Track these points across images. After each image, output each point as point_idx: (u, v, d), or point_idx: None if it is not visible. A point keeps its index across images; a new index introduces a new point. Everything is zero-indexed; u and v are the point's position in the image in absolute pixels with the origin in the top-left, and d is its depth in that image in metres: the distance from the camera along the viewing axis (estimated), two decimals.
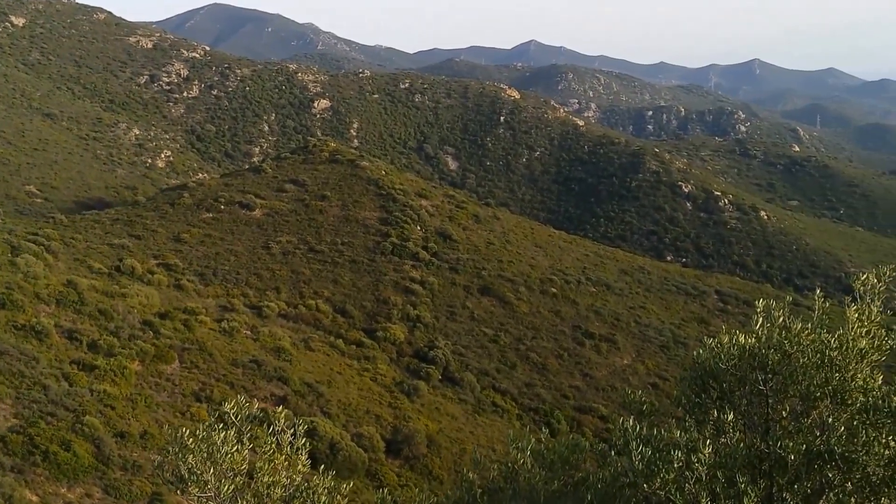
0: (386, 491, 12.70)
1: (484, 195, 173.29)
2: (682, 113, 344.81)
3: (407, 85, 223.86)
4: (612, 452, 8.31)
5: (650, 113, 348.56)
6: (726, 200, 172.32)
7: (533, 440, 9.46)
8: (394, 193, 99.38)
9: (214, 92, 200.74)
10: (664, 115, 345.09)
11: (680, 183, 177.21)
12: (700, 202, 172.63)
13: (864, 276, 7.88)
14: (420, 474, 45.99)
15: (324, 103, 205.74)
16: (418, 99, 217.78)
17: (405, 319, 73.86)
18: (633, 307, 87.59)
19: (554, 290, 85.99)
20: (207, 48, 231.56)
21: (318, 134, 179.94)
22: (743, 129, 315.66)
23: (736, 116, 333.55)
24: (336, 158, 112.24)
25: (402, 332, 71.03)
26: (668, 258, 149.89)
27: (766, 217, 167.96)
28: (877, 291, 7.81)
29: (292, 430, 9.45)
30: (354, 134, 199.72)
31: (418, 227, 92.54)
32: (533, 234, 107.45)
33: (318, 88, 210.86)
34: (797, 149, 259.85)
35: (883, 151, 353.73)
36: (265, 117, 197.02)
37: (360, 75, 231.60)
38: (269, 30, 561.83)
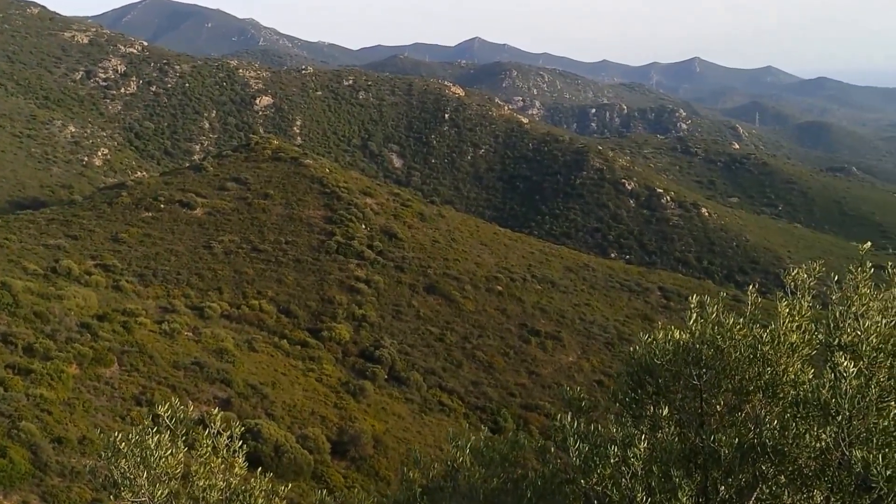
0: (325, 492, 12.51)
1: (429, 193, 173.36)
2: (625, 111, 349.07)
3: (351, 82, 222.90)
4: (552, 449, 8.31)
5: (593, 111, 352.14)
6: (669, 198, 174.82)
7: (473, 438, 9.47)
8: (338, 192, 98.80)
9: (153, 88, 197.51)
10: (607, 113, 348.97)
11: (623, 180, 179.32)
12: (643, 199, 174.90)
13: (795, 271, 8.05)
14: (367, 475, 45.73)
15: (266, 100, 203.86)
16: (362, 96, 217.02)
17: (351, 319, 73.43)
18: (578, 304, 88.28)
19: (500, 287, 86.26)
20: (145, 43, 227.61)
21: (261, 131, 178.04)
22: (684, 126, 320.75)
23: (677, 114, 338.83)
24: (279, 156, 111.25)
25: (347, 331, 70.59)
26: (613, 255, 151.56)
27: (707, 214, 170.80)
28: (807, 286, 7.98)
29: (228, 433, 9.28)
30: (298, 131, 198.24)
31: (363, 226, 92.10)
32: (478, 232, 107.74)
33: (261, 85, 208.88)
34: (737, 146, 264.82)
35: (820, 149, 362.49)
36: (206, 114, 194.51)
37: (303, 72, 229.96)
38: (210, 25, 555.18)
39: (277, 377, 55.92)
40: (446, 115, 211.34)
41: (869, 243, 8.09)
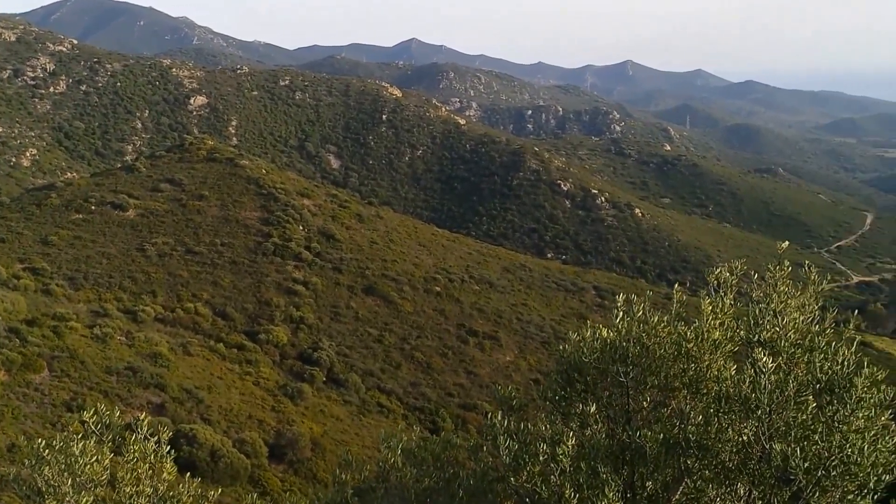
0: (255, 496, 12.53)
1: (367, 194, 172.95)
2: (561, 112, 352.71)
3: (287, 82, 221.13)
4: (484, 448, 8.37)
5: (529, 112, 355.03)
6: (603, 198, 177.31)
7: (405, 438, 9.53)
8: (275, 193, 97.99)
9: (83, 87, 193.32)
10: (543, 115, 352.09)
11: (559, 181, 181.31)
12: (579, 200, 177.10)
13: (718, 270, 8.21)
14: (305, 478, 45.48)
15: (200, 100, 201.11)
16: (299, 96, 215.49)
17: (288, 321, 72.89)
18: (515, 304, 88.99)
19: (438, 288, 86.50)
20: (75, 42, 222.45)
21: (195, 132, 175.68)
22: (618, 128, 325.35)
23: (611, 116, 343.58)
24: (214, 157, 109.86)
25: (285, 334, 70.05)
26: (549, 255, 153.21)
27: (640, 214, 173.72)
28: (729, 284, 8.15)
29: (156, 438, 9.22)
30: (233, 132, 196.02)
31: (301, 227, 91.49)
32: (416, 233, 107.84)
33: (195, 85, 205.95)
34: (668, 148, 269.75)
35: (748, 150, 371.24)
36: (138, 114, 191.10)
37: (239, 71, 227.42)
38: (142, 23, 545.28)
39: (213, 381, 55.24)
40: (384, 116, 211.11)
41: (787, 242, 8.38)
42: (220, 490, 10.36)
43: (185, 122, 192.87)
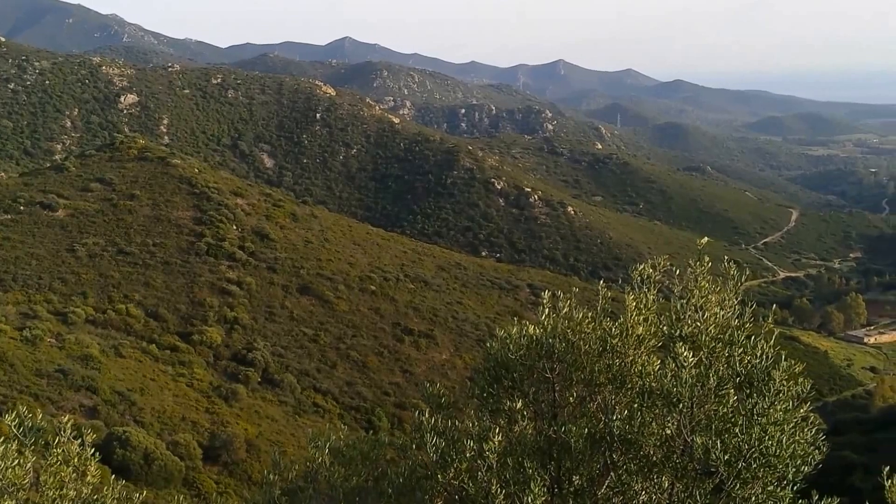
0: (181, 497, 12.50)
1: (301, 193, 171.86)
2: (494, 111, 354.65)
3: (219, 80, 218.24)
4: (413, 446, 8.38)
5: (463, 111, 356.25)
6: (536, 196, 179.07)
7: (333, 438, 9.49)
8: (208, 192, 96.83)
9: (11, 86, 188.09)
10: (476, 114, 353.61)
11: (493, 180, 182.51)
12: (512, 198, 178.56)
13: (641, 266, 8.28)
14: (239, 480, 45.27)
15: (131, 98, 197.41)
16: (231, 95, 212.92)
17: (222, 321, 72.19)
18: (450, 302, 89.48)
19: (373, 287, 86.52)
20: (2, 39, 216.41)
21: (126, 130, 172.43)
22: (550, 127, 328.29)
23: (543, 115, 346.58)
24: (145, 156, 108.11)
25: (218, 334, 69.37)
26: (483, 253, 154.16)
27: (573, 212, 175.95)
28: (652, 280, 8.24)
29: (80, 440, 9.15)
30: (165, 130, 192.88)
31: (234, 227, 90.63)
32: (351, 232, 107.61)
33: (125, 83, 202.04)
34: (600, 146, 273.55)
35: (677, 149, 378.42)
36: (67, 112, 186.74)
37: (170, 69, 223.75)
38: (71, 21, 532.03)
39: (146, 383, 54.55)
40: (318, 115, 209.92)
41: (706, 239, 8.54)
42: (150, 493, 10.36)
43: (116, 121, 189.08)
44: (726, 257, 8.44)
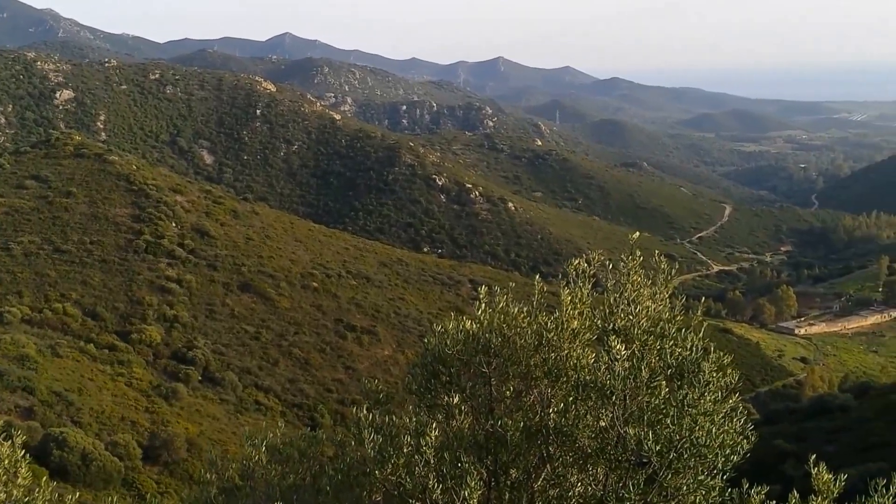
0: (113, 499, 12.47)
1: (242, 190, 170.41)
2: (435, 108, 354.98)
3: (157, 76, 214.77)
4: (353, 442, 8.33)
5: (404, 107, 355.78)
6: (477, 193, 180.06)
7: (271, 435, 9.43)
8: (146, 189, 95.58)
9: None
10: (418, 110, 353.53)
11: (434, 176, 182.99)
12: (453, 195, 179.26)
13: (576, 261, 8.35)
14: (180, 480, 44.91)
15: (67, 94, 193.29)
16: (170, 90, 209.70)
17: (161, 320, 71.40)
18: (392, 298, 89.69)
19: (315, 284, 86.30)
20: None
21: (62, 127, 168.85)
22: (490, 124, 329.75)
23: (484, 112, 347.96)
24: (82, 153, 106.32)
25: (158, 333, 68.61)
26: (425, 249, 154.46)
27: (513, 208, 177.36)
28: (587, 275, 8.31)
29: (10, 442, 9.09)
30: (102, 127, 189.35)
31: (173, 224, 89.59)
32: (293, 229, 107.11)
33: (61, 78, 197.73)
34: (539, 143, 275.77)
35: (615, 145, 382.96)
36: (1, 109, 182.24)
37: (107, 65, 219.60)
38: (4, 15, 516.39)
39: (84, 383, 53.74)
40: (258, 111, 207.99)
41: (637, 234, 8.81)
42: (89, 494, 10.34)
43: (51, 117, 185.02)
44: (657, 251, 8.58)
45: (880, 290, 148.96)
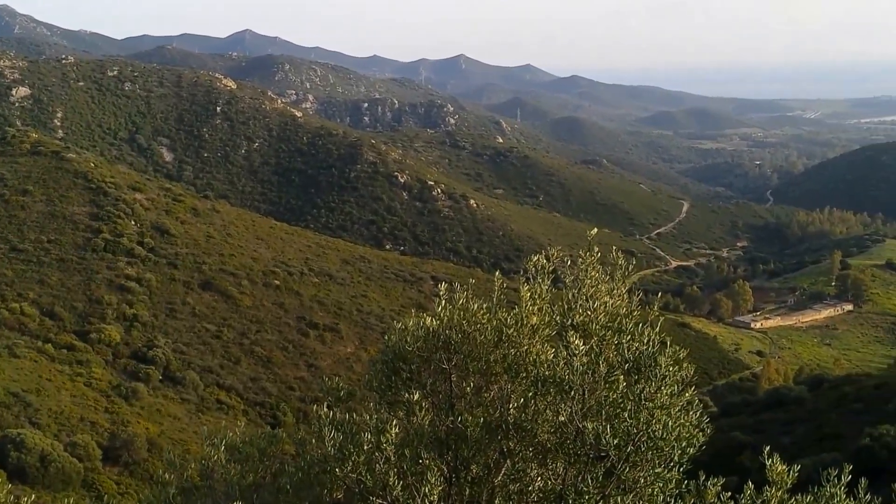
0: (72, 501, 12.42)
1: (202, 188, 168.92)
2: (396, 105, 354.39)
3: (116, 72, 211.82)
4: (313, 440, 8.20)
5: (366, 105, 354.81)
6: (439, 190, 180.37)
7: (230, 435, 9.37)
8: (104, 187, 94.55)
9: None
10: (379, 108, 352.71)
11: (396, 173, 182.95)
12: (416, 192, 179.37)
13: (535, 257, 8.47)
14: (141, 480, 44.64)
15: (23, 91, 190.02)
16: (128, 87, 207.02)
17: (121, 319, 70.74)
18: (355, 296, 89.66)
19: (277, 282, 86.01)
20: None
21: (18, 124, 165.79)
22: (452, 121, 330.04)
23: (445, 109, 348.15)
24: (39, 150, 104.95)
25: (117, 332, 67.97)
26: (388, 246, 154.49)
27: (475, 205, 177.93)
28: (546, 271, 8.44)
29: None
30: (59, 124, 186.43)
31: (133, 222, 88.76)
32: (254, 227, 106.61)
33: (17, 75, 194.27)
34: (501, 140, 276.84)
35: (575, 143, 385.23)
36: None
37: (64, 62, 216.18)
38: None
39: (42, 383, 53.16)
40: (218, 108, 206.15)
41: (595, 230, 8.92)
42: (48, 496, 10.35)
43: (7, 115, 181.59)
44: (616, 248, 8.65)
45: (833, 284, 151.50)
